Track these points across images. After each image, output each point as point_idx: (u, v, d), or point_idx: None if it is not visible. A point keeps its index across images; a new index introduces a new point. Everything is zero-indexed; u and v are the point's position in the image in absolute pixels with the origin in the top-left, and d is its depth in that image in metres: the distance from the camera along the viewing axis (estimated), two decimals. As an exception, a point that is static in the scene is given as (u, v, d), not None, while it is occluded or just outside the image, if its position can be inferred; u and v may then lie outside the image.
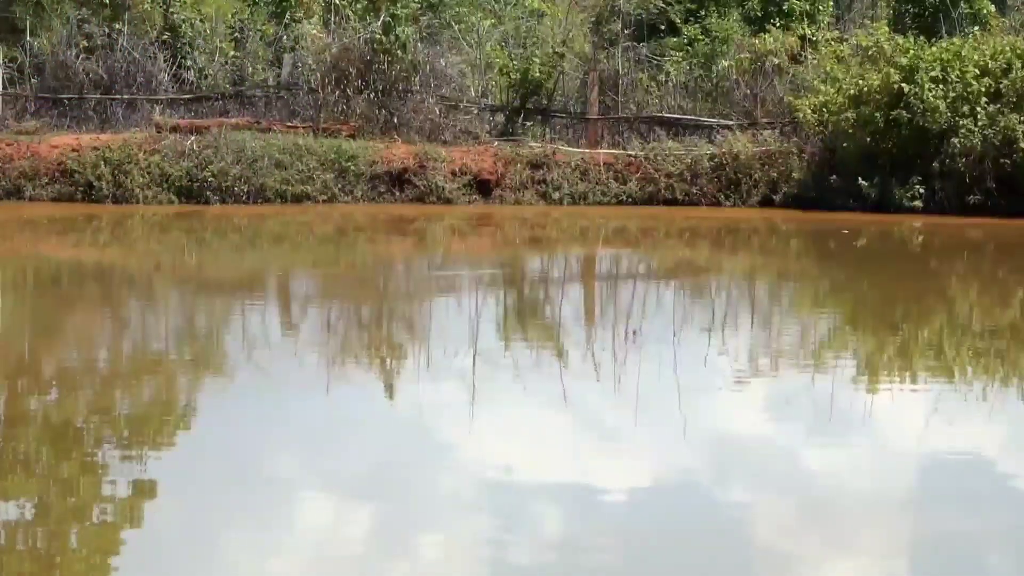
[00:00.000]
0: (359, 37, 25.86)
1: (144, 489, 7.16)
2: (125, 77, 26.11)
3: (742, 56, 27.34)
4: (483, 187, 23.67)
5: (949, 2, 29.97)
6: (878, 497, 7.29)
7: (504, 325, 12.90)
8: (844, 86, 23.70)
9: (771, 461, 7.98)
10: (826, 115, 23.71)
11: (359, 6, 28.88)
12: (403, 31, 25.82)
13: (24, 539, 6.46)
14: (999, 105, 22.45)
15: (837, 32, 29.68)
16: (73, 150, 22.98)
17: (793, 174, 23.71)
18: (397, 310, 13.86)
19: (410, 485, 7.34)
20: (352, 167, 23.29)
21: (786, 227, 21.65)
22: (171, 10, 27.75)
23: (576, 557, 6.27)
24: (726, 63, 27.50)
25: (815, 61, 26.25)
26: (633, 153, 24.55)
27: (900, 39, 24.71)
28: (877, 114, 22.99)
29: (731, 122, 25.46)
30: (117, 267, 17.30)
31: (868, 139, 23.02)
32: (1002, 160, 22.19)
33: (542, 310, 14.05)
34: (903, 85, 22.90)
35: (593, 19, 32.44)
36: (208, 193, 22.52)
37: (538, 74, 26.27)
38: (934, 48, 23.88)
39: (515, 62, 26.88)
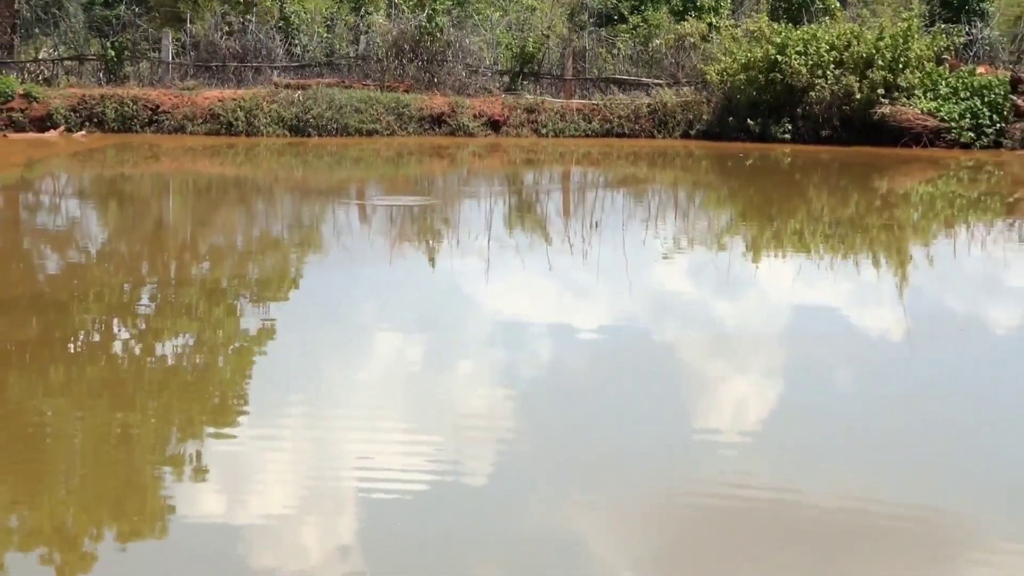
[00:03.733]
0: (411, 24, 25.34)
1: (267, 328, 7.06)
2: (254, 51, 25.67)
3: (669, 37, 26.67)
4: (494, 125, 23.28)
5: (809, -1, 29.23)
6: (761, 333, 7.21)
7: (509, 218, 12.71)
8: (738, 57, 23.15)
9: (689, 309, 7.86)
10: (726, 77, 23.18)
11: (411, 3, 28.33)
12: (440, 20, 25.36)
13: (187, 361, 6.37)
14: (842, 70, 21.97)
15: (733, 21, 28.94)
16: (219, 100, 22.57)
17: (703, 116, 23.26)
18: (437, 207, 13.65)
19: (447, 325, 7.27)
20: (406, 112, 22.88)
21: (698, 152, 21.28)
22: (284, 5, 27.37)
23: (561, 369, 6.21)
24: (658, 41, 26.80)
25: (718, 40, 25.62)
26: (596, 102, 24.09)
27: (776, 25, 24.12)
28: (760, 76, 22.49)
29: (661, 81, 24.92)
30: (248, 179, 17.09)
31: (754, 93, 22.55)
32: (844, 107, 21.76)
33: (534, 208, 13.87)
34: (777, 56, 22.35)
35: (568, 11, 31.61)
36: (310, 129, 22.15)
37: (531, 49, 25.71)
38: (798, 31, 23.28)
39: (516, 41, 26.38)
